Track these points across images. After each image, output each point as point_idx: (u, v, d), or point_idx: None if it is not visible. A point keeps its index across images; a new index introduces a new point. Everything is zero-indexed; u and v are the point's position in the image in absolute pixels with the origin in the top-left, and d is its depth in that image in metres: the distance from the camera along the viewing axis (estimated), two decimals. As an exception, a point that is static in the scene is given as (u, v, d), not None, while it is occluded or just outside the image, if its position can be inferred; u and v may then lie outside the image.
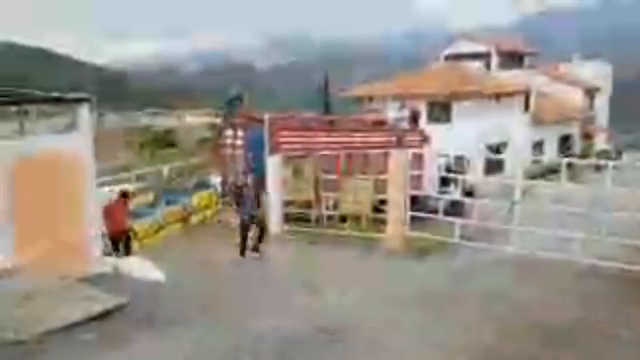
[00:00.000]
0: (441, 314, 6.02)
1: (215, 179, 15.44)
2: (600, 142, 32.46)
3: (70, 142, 7.21)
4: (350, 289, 7.02)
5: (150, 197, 13.46)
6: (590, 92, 32.13)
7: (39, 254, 6.11)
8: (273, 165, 12.28)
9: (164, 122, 37.72)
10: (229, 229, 11.53)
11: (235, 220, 10.70)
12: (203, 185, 15.30)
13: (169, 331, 5.09)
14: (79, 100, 7.37)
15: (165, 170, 16.57)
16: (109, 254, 8.92)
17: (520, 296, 6.68)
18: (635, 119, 42.91)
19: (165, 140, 30.79)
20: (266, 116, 13.03)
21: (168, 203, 13.25)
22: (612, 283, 7.38)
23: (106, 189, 11.34)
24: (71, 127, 7.42)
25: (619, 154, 28.45)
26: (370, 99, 23.52)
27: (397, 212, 10.35)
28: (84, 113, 7.33)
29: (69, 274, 6.15)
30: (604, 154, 26.39)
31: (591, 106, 32.37)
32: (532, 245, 8.80)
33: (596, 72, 33.00)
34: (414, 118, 16.72)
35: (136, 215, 11.58)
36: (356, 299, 6.61)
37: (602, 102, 33.87)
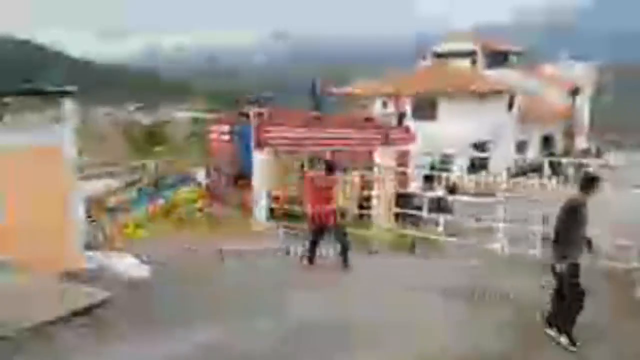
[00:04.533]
0: (432, 312, 6.09)
1: (199, 174, 15.36)
2: (582, 142, 33.05)
3: (53, 136, 7.12)
4: (346, 287, 7.10)
5: (134, 193, 13.35)
6: (573, 93, 32.64)
7: (22, 249, 6.03)
8: (259, 160, 12.29)
9: (153, 117, 37.34)
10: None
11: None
12: (187, 180, 15.20)
13: (156, 329, 5.09)
14: (62, 93, 7.27)
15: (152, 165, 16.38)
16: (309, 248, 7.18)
17: (506, 291, 6.76)
18: (623, 120, 43.46)
19: (154, 136, 30.53)
20: (252, 111, 12.99)
21: (153, 198, 13.16)
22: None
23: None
24: (55, 120, 7.31)
25: (599, 152, 29.02)
26: (359, 97, 23.62)
27: (383, 208, 10.44)
28: (68, 106, 7.24)
29: (53, 270, 6.11)
30: (584, 153, 26.92)
31: (573, 106, 32.90)
32: (517, 242, 8.94)
33: (580, 73, 33.56)
34: (400, 115, 16.85)
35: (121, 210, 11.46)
36: (351, 296, 6.70)
37: (583, 102, 34.45)
